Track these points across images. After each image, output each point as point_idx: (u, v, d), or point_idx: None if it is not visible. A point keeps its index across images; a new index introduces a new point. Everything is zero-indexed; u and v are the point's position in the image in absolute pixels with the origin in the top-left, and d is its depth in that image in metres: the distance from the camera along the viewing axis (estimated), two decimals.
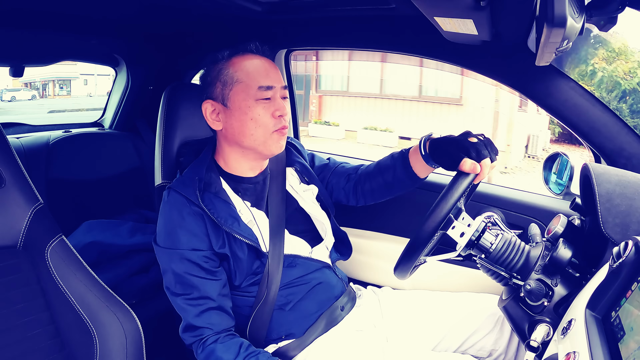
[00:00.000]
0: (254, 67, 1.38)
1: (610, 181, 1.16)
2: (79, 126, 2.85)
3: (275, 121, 1.38)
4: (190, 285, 1.32)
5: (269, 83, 1.37)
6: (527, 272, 1.21)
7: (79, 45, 2.48)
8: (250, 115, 1.36)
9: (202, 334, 1.32)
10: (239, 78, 1.37)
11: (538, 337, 1.12)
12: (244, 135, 1.38)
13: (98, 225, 2.32)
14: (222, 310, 1.35)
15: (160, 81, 2.68)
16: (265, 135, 1.38)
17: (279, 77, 1.42)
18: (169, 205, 1.37)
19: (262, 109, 1.36)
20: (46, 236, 1.23)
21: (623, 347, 0.77)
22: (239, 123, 1.38)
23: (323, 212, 1.59)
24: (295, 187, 1.57)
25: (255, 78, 1.37)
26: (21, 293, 1.15)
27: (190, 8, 1.81)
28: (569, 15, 0.81)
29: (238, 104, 1.37)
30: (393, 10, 1.61)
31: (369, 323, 1.53)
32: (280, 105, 1.39)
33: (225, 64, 1.40)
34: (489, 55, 1.59)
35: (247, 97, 1.36)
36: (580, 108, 1.48)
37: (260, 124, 1.36)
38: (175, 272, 1.33)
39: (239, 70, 1.38)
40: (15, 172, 1.22)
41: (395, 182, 1.53)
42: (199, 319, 1.32)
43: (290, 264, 1.43)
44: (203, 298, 1.32)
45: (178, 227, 1.34)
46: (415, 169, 1.47)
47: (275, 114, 1.37)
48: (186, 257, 1.32)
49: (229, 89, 1.38)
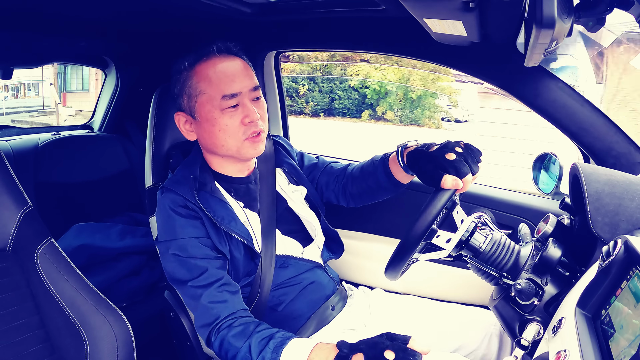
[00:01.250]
0: (216, 76, 1.33)
1: (599, 181, 1.17)
2: (68, 129, 2.84)
3: (245, 128, 1.34)
4: (196, 268, 1.29)
5: (233, 90, 1.33)
6: (517, 271, 1.21)
7: (67, 48, 2.46)
8: (218, 127, 1.33)
9: (217, 322, 1.25)
10: (202, 89, 1.34)
11: (529, 336, 1.12)
12: (216, 146, 1.37)
13: (88, 228, 2.30)
14: (231, 286, 1.32)
15: (149, 83, 2.67)
16: (237, 144, 1.35)
17: (247, 79, 1.36)
18: (164, 203, 1.35)
19: (229, 118, 1.33)
20: (35, 239, 1.22)
21: (613, 345, 0.78)
22: (209, 135, 1.36)
23: (312, 213, 1.58)
24: (284, 188, 1.56)
25: (218, 87, 1.32)
26: (10, 297, 1.14)
27: (180, 10, 1.81)
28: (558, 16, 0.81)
29: (205, 115, 1.34)
30: (383, 12, 1.61)
31: (360, 322, 1.53)
32: (249, 110, 1.34)
33: (188, 74, 1.37)
34: (478, 56, 1.59)
35: (212, 109, 1.33)
36: (569, 108, 1.49)
37: (230, 134, 1.34)
38: (179, 258, 1.30)
39: (201, 81, 1.34)
40: (4, 175, 1.21)
41: (379, 188, 1.53)
42: (215, 299, 1.27)
43: (283, 265, 1.43)
44: (213, 277, 1.29)
45: (177, 222, 1.32)
46: (397, 177, 1.47)
47: (244, 121, 1.33)
48: (188, 244, 1.30)
49: (194, 101, 1.35)
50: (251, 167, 1.51)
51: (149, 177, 1.60)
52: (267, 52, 2.13)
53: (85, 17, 1.95)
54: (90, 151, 2.59)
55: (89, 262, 2.16)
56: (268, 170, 1.53)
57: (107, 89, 2.86)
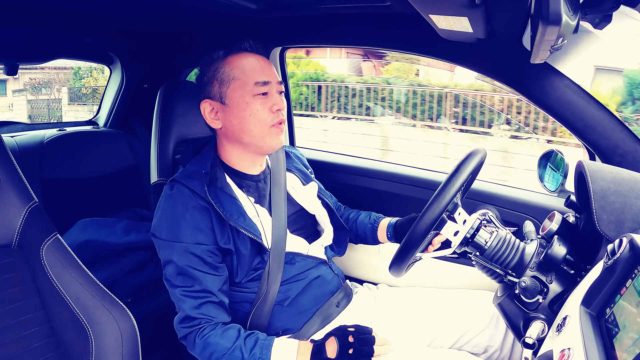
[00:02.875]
0: (249, 65, 1.40)
1: (605, 179, 1.17)
2: (74, 124, 2.84)
3: (273, 115, 1.40)
4: (191, 278, 1.32)
5: (265, 78, 1.40)
6: (522, 269, 1.21)
7: (73, 44, 2.47)
8: (248, 111, 1.38)
9: (200, 324, 1.32)
10: (235, 75, 1.39)
11: (533, 334, 1.12)
12: (243, 131, 1.40)
13: (93, 224, 2.31)
14: (221, 305, 1.35)
15: (155, 79, 2.67)
16: (263, 130, 1.39)
17: (274, 73, 1.44)
18: (173, 198, 1.36)
19: (260, 104, 1.38)
20: (41, 235, 1.22)
21: (617, 344, 0.78)
22: (238, 120, 1.39)
23: (324, 210, 1.61)
24: (296, 189, 1.59)
25: (251, 74, 1.39)
26: (16, 292, 1.15)
27: (186, 6, 1.81)
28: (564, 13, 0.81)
29: (236, 100, 1.38)
30: (388, 8, 1.60)
31: (365, 319, 1.53)
32: (277, 99, 1.41)
33: (221, 63, 1.41)
34: (484, 53, 1.59)
35: (244, 94, 1.38)
36: (575, 105, 1.48)
37: (259, 119, 1.38)
38: (177, 264, 1.33)
39: (235, 68, 1.40)
40: (10, 171, 1.22)
41: (364, 242, 1.76)
42: (197, 311, 1.31)
43: (290, 262, 1.44)
44: (203, 292, 1.32)
45: (182, 221, 1.33)
46: (381, 240, 1.70)
47: (273, 109, 1.39)
48: (190, 250, 1.32)
49: (226, 87, 1.39)
50: (263, 165, 1.53)
51: (154, 173, 1.60)
52: (272, 49, 2.13)
53: (91, 14, 1.95)
54: (96, 147, 2.60)
55: (94, 257, 2.17)
56: (280, 171, 1.56)
57: (113, 85, 2.87)
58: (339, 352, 1.25)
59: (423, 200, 1.26)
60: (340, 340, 1.26)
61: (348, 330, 1.29)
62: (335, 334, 1.29)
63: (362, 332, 1.28)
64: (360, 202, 1.89)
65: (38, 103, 14.68)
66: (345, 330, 1.29)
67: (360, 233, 1.73)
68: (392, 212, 1.89)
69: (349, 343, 1.25)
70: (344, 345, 1.25)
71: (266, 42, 2.06)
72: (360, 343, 1.26)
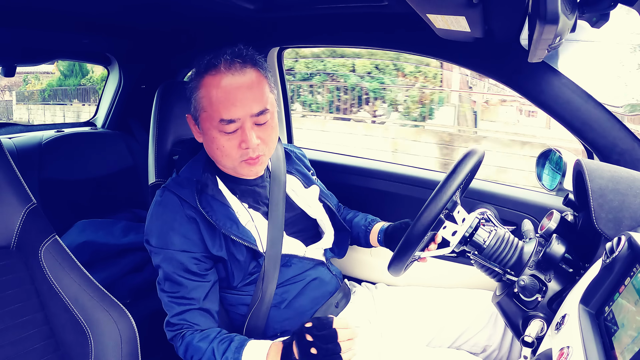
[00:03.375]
0: (217, 95, 1.28)
1: (603, 177, 1.17)
2: (71, 126, 2.84)
3: (242, 152, 1.31)
4: (177, 284, 1.32)
5: (232, 116, 1.27)
6: (520, 268, 1.21)
7: (70, 44, 2.47)
8: (215, 145, 1.32)
9: (182, 329, 1.32)
10: (203, 106, 1.31)
11: (532, 333, 1.12)
12: (215, 159, 1.38)
13: (91, 225, 2.31)
14: (206, 312, 1.34)
15: (152, 80, 2.67)
16: (233, 164, 1.35)
17: (253, 102, 1.29)
18: (162, 206, 1.35)
19: (226, 140, 1.30)
20: (39, 236, 1.22)
21: (616, 342, 0.78)
22: (209, 148, 1.36)
23: (326, 214, 1.60)
24: (297, 191, 1.57)
25: (217, 109, 1.28)
26: (15, 294, 1.15)
27: (183, 6, 1.80)
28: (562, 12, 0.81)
29: (205, 130, 1.34)
30: (386, 8, 1.61)
31: (364, 319, 1.53)
32: (246, 137, 1.29)
33: (196, 84, 1.33)
34: (482, 52, 1.59)
35: (211, 127, 1.31)
36: (573, 104, 1.48)
37: (226, 154, 1.32)
38: (164, 270, 1.33)
39: (205, 97, 1.30)
40: (8, 172, 1.22)
41: (358, 243, 1.76)
42: (181, 317, 1.32)
43: (286, 264, 1.44)
44: (187, 299, 1.32)
45: (170, 230, 1.33)
46: (372, 243, 1.69)
47: (241, 146, 1.31)
48: (176, 257, 1.32)
49: (198, 113, 1.34)
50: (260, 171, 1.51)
51: (152, 173, 1.60)
52: (270, 48, 2.13)
53: (88, 14, 1.95)
54: (94, 148, 2.60)
55: (93, 258, 2.17)
56: (280, 173, 1.53)
57: (110, 86, 2.87)
58: (300, 354, 1.18)
59: (422, 200, 1.25)
60: (299, 341, 1.19)
61: (305, 328, 1.19)
62: (293, 335, 1.22)
63: (321, 328, 1.17)
64: (359, 202, 1.89)
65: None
66: (302, 329, 1.20)
67: (354, 234, 1.73)
68: (391, 211, 1.89)
69: (309, 342, 1.17)
70: (304, 346, 1.17)
71: (264, 41, 2.06)
72: (322, 341, 1.16)
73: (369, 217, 1.74)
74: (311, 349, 1.16)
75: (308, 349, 1.16)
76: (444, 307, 1.55)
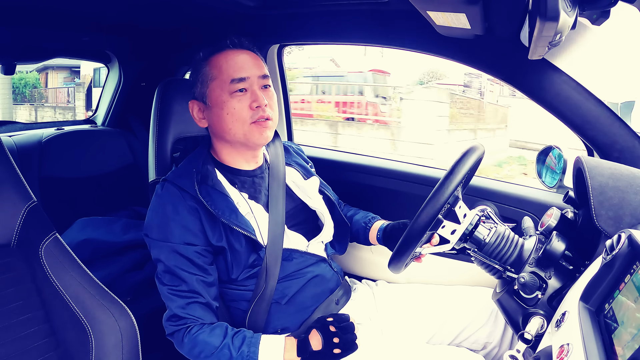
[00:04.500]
0: (227, 62, 1.40)
1: (603, 174, 1.17)
2: (72, 124, 2.84)
3: (253, 112, 1.37)
4: (179, 278, 1.32)
5: (242, 75, 1.38)
6: (520, 265, 1.21)
7: (70, 42, 2.47)
8: (226, 110, 1.37)
9: (187, 324, 1.32)
10: (213, 75, 1.40)
11: (532, 330, 1.12)
12: (224, 130, 1.40)
13: (92, 223, 2.31)
14: (208, 307, 1.34)
15: (152, 77, 2.66)
16: (243, 128, 1.38)
17: (257, 68, 1.42)
18: (163, 198, 1.36)
19: (237, 102, 1.37)
20: (40, 234, 1.22)
21: (616, 339, 0.78)
22: (218, 119, 1.39)
23: (325, 206, 1.61)
24: (297, 182, 1.58)
25: (227, 72, 1.38)
26: (15, 291, 1.15)
27: (184, 4, 1.80)
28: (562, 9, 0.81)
29: (215, 100, 1.39)
30: (386, 5, 1.61)
31: (364, 316, 1.53)
32: (257, 95, 1.38)
33: (202, 64, 1.42)
34: (482, 49, 1.59)
35: (221, 93, 1.38)
36: (573, 101, 1.48)
37: (237, 118, 1.37)
38: (165, 264, 1.33)
39: (213, 68, 1.40)
40: (8, 170, 1.22)
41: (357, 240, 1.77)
42: (184, 310, 1.31)
43: (287, 258, 1.44)
44: (191, 292, 1.32)
45: (172, 221, 1.33)
46: (372, 241, 1.71)
47: (252, 105, 1.37)
48: (178, 250, 1.32)
49: (206, 87, 1.40)
50: (260, 161, 1.52)
51: (152, 171, 1.60)
52: (270, 46, 2.13)
53: (88, 12, 1.95)
54: (94, 146, 2.60)
55: (93, 256, 2.17)
56: (279, 165, 1.55)
57: (110, 83, 2.87)
58: (324, 344, 1.28)
59: (422, 197, 1.26)
60: (323, 331, 1.29)
61: (327, 321, 1.32)
62: (316, 327, 1.32)
63: (342, 320, 1.31)
64: (359, 199, 1.89)
65: None
66: (324, 321, 1.32)
67: (354, 231, 1.73)
68: (391, 209, 1.89)
69: (332, 332, 1.29)
70: (328, 335, 1.28)
71: (264, 39, 2.06)
72: (343, 331, 1.29)
73: (369, 214, 1.74)
74: (334, 339, 1.27)
75: (331, 339, 1.28)
76: (444, 305, 1.55)
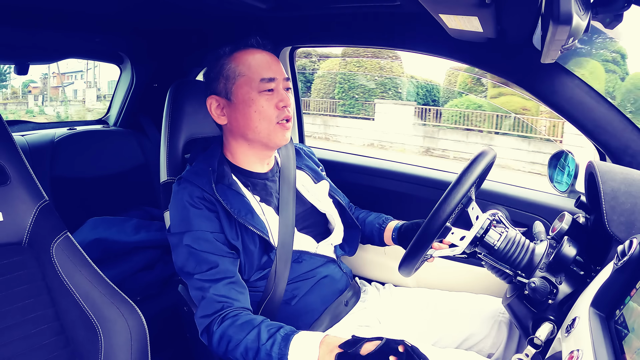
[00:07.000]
0: (255, 61, 1.40)
1: (615, 179, 1.16)
2: (84, 124, 2.86)
3: (279, 112, 1.39)
4: (206, 262, 1.30)
5: (271, 75, 1.40)
6: (531, 269, 1.21)
7: (83, 43, 2.48)
8: (254, 108, 1.38)
9: (222, 310, 1.26)
10: (241, 72, 1.39)
11: (542, 335, 1.12)
12: (249, 128, 1.40)
13: (103, 222, 2.32)
14: (240, 286, 1.32)
15: (164, 78, 2.68)
16: (269, 127, 1.39)
17: (281, 70, 1.44)
18: (180, 194, 1.37)
19: (265, 100, 1.38)
20: (51, 233, 1.23)
21: (627, 346, 0.77)
22: (243, 116, 1.39)
23: (335, 209, 1.61)
24: (307, 186, 1.59)
25: (257, 71, 1.39)
26: (26, 290, 1.15)
27: (196, 5, 1.81)
28: (575, 12, 0.80)
29: (242, 97, 1.39)
30: (398, 7, 1.60)
31: (374, 318, 1.53)
32: (283, 96, 1.41)
33: (227, 59, 1.42)
34: (494, 52, 1.58)
35: (250, 90, 1.38)
36: (586, 105, 1.47)
37: (264, 116, 1.38)
38: (190, 250, 1.31)
39: (241, 64, 1.40)
40: (21, 169, 1.23)
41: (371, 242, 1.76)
42: (221, 295, 1.27)
43: (297, 260, 1.44)
44: (221, 272, 1.30)
45: (192, 213, 1.34)
46: (387, 242, 1.70)
47: (279, 105, 1.39)
48: (202, 237, 1.32)
49: (232, 83, 1.40)
50: (271, 163, 1.53)
51: (163, 172, 1.61)
52: (282, 48, 2.13)
53: (101, 13, 1.96)
54: (106, 146, 2.62)
55: (104, 255, 2.18)
56: (290, 168, 1.56)
57: (123, 84, 2.89)
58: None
59: (433, 200, 1.25)
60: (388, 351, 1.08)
61: (396, 344, 1.09)
62: (367, 343, 1.10)
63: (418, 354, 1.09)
64: (370, 202, 1.89)
65: None
66: (393, 344, 1.09)
67: (368, 233, 1.73)
68: (402, 212, 1.89)
69: (400, 353, 1.07)
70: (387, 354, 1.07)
71: (276, 41, 2.06)
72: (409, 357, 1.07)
73: (383, 216, 1.74)
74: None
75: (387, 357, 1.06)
76: (449, 311, 1.55)
